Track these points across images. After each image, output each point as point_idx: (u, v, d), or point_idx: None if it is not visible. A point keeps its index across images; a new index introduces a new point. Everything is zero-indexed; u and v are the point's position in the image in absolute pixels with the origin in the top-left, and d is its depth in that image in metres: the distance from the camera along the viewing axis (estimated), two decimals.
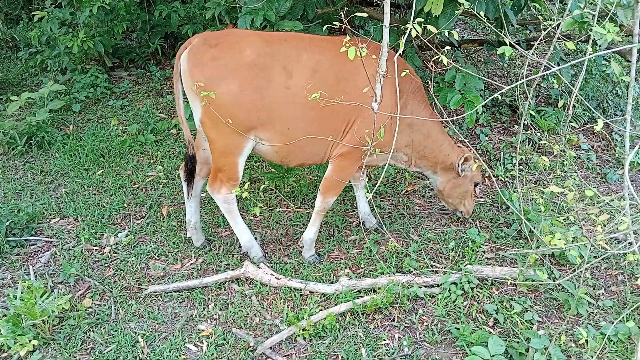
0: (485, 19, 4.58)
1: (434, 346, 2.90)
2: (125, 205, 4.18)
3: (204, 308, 3.13)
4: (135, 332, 2.92)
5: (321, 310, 3.06)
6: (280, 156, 3.27)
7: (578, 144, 4.91)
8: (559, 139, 4.42)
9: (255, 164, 4.66)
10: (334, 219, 3.95)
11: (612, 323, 2.84)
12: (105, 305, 3.15)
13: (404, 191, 4.44)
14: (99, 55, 6.75)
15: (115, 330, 2.96)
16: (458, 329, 2.89)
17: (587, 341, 2.79)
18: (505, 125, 5.36)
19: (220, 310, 3.10)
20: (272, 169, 4.25)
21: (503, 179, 4.46)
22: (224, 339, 2.89)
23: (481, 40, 5.97)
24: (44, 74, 6.74)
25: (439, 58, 2.21)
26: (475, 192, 4.04)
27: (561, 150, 4.76)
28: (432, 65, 2.39)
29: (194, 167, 3.45)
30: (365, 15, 2.43)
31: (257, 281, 3.30)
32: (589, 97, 5.44)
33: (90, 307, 3.12)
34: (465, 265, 3.33)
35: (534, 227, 3.55)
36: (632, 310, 2.98)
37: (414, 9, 2.81)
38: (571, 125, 5.08)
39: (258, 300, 3.18)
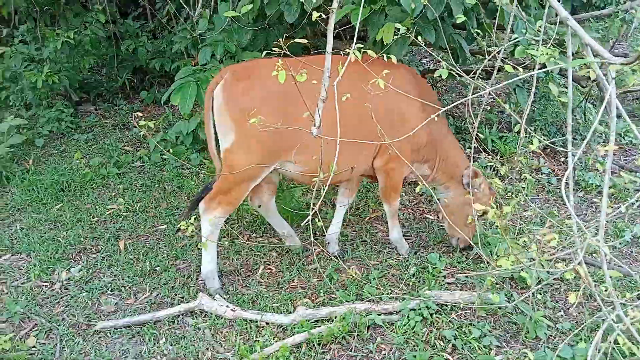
0: (440, 49, 4.71)
1: None
2: (81, 239, 4.06)
3: (154, 344, 3.00)
4: None
5: (276, 341, 2.96)
6: (311, 178, 3.34)
7: (538, 167, 4.98)
8: (514, 163, 4.48)
9: None
10: (295, 250, 3.89)
11: (570, 345, 2.80)
12: (50, 343, 3.01)
13: (367, 218, 4.42)
14: (65, 90, 6.71)
15: None
16: (415, 356, 2.82)
17: None
18: (468, 151, 5.42)
19: (171, 345, 2.99)
20: None
21: None
22: None
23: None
24: (8, 109, 6.65)
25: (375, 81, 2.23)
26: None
27: (519, 174, 4.83)
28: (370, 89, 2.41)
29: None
30: (305, 41, 2.46)
31: (211, 314, 3.20)
32: (549, 123, 5.57)
33: (34, 347, 2.97)
34: (424, 291, 3.29)
35: (494, 250, 3.56)
36: (589, 332, 2.95)
37: (355, 35, 2.87)
38: (531, 149, 5.16)
39: (212, 334, 3.08)
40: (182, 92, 4.30)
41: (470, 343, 2.94)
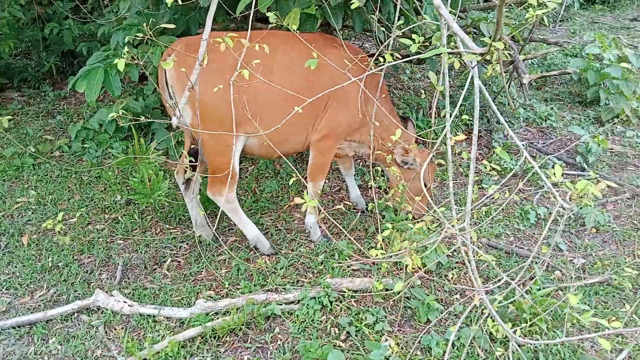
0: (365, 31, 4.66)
1: None
2: None
3: (43, 344, 2.93)
4: None
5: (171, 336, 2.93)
6: (266, 148, 3.50)
7: (459, 152, 5.04)
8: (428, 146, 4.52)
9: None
10: (205, 240, 3.84)
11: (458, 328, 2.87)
12: None
13: (286, 206, 4.39)
14: None
15: None
16: (306, 346, 2.84)
17: (430, 348, 2.81)
18: None
19: (60, 345, 2.91)
20: (136, 189, 4.08)
21: (383, 188, 4.51)
22: None
23: (371, 54, 6.09)
24: None
25: None
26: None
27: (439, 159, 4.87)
28: None
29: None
30: (172, 26, 2.38)
31: (108, 310, 3.13)
32: (474, 108, 5.64)
33: None
34: (325, 279, 3.31)
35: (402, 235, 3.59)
36: (481, 314, 3.03)
37: (251, 18, 2.85)
38: (456, 133, 5.23)
39: (105, 331, 3.02)
40: (89, 79, 4.11)
41: (363, 329, 2.97)
